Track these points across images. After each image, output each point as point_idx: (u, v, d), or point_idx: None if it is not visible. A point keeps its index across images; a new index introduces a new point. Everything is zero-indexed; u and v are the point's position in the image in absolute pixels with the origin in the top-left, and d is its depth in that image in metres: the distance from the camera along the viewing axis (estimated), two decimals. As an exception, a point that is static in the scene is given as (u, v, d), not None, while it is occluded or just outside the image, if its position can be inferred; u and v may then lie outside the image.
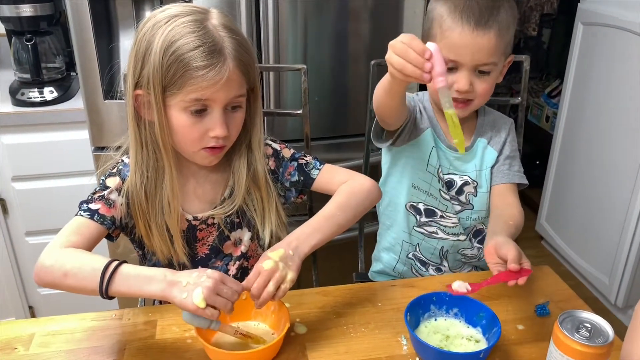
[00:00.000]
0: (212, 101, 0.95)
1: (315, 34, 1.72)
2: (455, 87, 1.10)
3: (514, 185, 1.23)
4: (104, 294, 0.86)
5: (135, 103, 0.98)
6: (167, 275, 0.85)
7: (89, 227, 0.98)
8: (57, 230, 1.86)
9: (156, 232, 1.03)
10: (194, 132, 0.97)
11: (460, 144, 0.93)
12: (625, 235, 2.11)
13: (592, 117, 2.31)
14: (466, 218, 1.25)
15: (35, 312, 2.01)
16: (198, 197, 1.09)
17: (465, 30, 1.06)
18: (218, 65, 0.92)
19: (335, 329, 0.99)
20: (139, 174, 1.01)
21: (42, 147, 1.78)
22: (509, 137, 1.25)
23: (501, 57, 1.12)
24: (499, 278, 0.94)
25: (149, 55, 0.93)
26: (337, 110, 1.84)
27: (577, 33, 2.38)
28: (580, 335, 0.75)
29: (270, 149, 1.14)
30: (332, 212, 1.03)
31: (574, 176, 2.46)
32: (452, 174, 1.23)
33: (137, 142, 1.00)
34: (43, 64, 1.85)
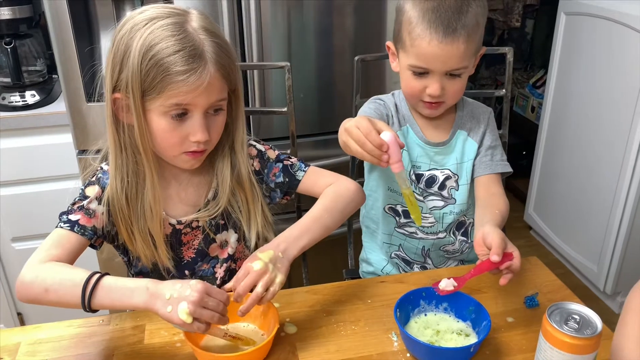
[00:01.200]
0: (193, 106, 0.94)
1: (299, 30, 1.71)
2: (427, 92, 1.11)
3: (497, 175, 1.22)
4: (87, 308, 0.85)
5: (113, 106, 0.96)
6: (149, 287, 0.83)
7: (69, 239, 0.96)
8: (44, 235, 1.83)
9: (139, 237, 1.02)
10: (174, 136, 0.96)
11: (417, 218, 0.99)
12: (613, 222, 2.13)
13: (577, 106, 2.32)
14: (449, 213, 1.24)
15: (24, 318, 1.99)
16: (181, 200, 1.07)
17: (433, 41, 1.04)
18: (199, 70, 0.91)
19: (326, 328, 0.98)
20: (119, 179, 0.99)
21: (26, 152, 1.75)
22: (489, 127, 1.25)
23: (472, 59, 1.11)
24: (481, 268, 0.93)
25: (127, 59, 0.91)
26: (322, 106, 1.83)
27: (560, 23, 2.39)
28: (569, 327, 0.75)
29: (254, 149, 1.13)
30: (319, 214, 1.02)
31: (560, 166, 2.48)
32: (434, 169, 1.23)
33: (116, 146, 0.98)
34: (24, 68, 1.83)
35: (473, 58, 1.12)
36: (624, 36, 2.00)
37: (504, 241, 0.93)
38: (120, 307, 0.87)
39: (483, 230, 0.96)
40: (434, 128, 1.22)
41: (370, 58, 1.48)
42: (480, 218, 1.09)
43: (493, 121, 1.27)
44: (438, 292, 0.95)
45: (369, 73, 1.75)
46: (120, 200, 1.00)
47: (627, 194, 2.05)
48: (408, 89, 1.15)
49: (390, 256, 1.32)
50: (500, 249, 0.91)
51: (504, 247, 0.93)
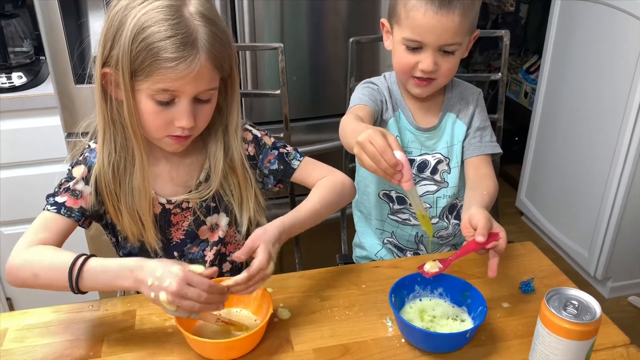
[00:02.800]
0: (180, 92, 0.92)
1: (292, 11, 1.68)
2: (420, 67, 1.10)
3: (487, 157, 1.22)
4: (76, 291, 0.85)
5: (103, 80, 0.94)
6: (133, 270, 0.83)
7: (56, 221, 0.96)
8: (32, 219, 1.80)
9: (126, 214, 1.00)
10: (159, 119, 0.94)
11: (429, 231, 1.01)
12: (604, 208, 2.13)
13: (571, 92, 2.31)
14: (443, 196, 1.24)
15: (13, 303, 1.97)
16: (172, 179, 1.06)
17: (429, 12, 1.04)
18: (189, 59, 0.88)
19: (320, 313, 0.97)
20: (107, 153, 0.97)
21: (13, 135, 1.72)
22: (478, 108, 1.24)
23: (466, 36, 1.10)
24: (467, 249, 0.93)
25: (119, 36, 0.89)
26: (316, 90, 1.81)
27: (555, 8, 2.37)
28: (568, 312, 0.74)
29: (250, 134, 1.11)
30: (315, 206, 1.03)
31: (553, 152, 2.47)
32: (425, 154, 1.22)
33: (104, 120, 0.96)
34: (10, 48, 1.79)
35: (467, 37, 1.11)
36: (620, 21, 1.98)
37: (489, 222, 0.93)
38: (109, 289, 0.86)
39: (470, 212, 0.96)
40: (424, 112, 1.21)
41: (365, 40, 1.45)
42: (469, 200, 1.08)
43: (482, 102, 1.26)
44: (424, 274, 0.94)
45: (363, 56, 1.73)
46: (107, 175, 0.98)
47: (619, 180, 2.05)
48: (400, 64, 1.13)
49: (383, 242, 1.31)
50: (486, 229, 0.91)
51: (490, 227, 0.92)
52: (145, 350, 0.89)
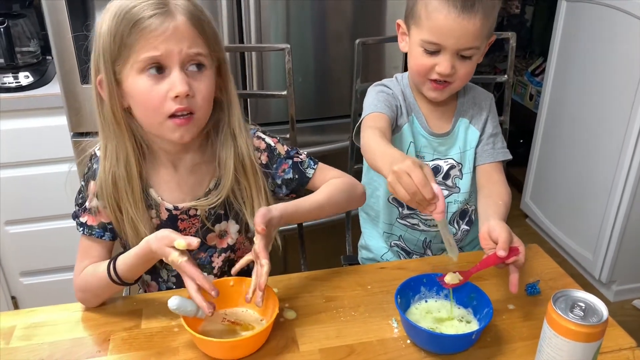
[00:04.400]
0: (167, 57, 0.90)
1: (298, 13, 1.68)
2: (437, 70, 1.09)
3: (499, 163, 1.22)
4: (125, 284, 0.98)
5: (99, 88, 0.94)
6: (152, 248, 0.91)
7: (94, 246, 1.03)
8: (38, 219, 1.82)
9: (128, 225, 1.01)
10: (153, 95, 0.91)
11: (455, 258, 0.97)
12: (609, 211, 2.13)
13: (576, 95, 2.31)
14: (454, 202, 1.23)
15: (18, 302, 1.98)
16: (180, 187, 1.05)
17: (451, 14, 1.03)
18: (165, 15, 0.89)
19: (325, 314, 0.97)
20: (108, 165, 0.98)
21: (19, 134, 1.72)
22: (491, 114, 1.23)
23: (484, 40, 1.10)
24: (487, 262, 0.94)
25: (101, 31, 0.91)
26: (321, 91, 1.81)
27: (561, 10, 2.36)
28: (574, 314, 0.74)
29: (263, 143, 1.09)
30: (321, 202, 1.03)
31: (558, 154, 2.47)
32: (437, 159, 1.21)
33: (102, 128, 0.97)
34: (17, 48, 1.79)
35: (485, 41, 1.10)
36: (626, 24, 1.98)
37: (510, 235, 0.94)
38: (144, 266, 0.96)
39: (489, 224, 0.97)
40: (438, 117, 1.21)
41: (372, 41, 1.46)
42: (485, 210, 1.09)
43: (494, 108, 1.26)
44: (444, 285, 0.95)
45: (368, 57, 1.73)
46: (109, 188, 0.98)
47: (625, 183, 2.05)
48: (416, 67, 1.12)
49: (390, 245, 1.31)
50: (507, 244, 0.92)
51: (511, 241, 0.93)
52: (152, 349, 0.90)
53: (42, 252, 1.89)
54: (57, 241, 1.85)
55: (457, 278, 0.94)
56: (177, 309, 0.85)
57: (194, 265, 0.88)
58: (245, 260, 0.95)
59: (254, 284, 0.90)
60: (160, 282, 1.13)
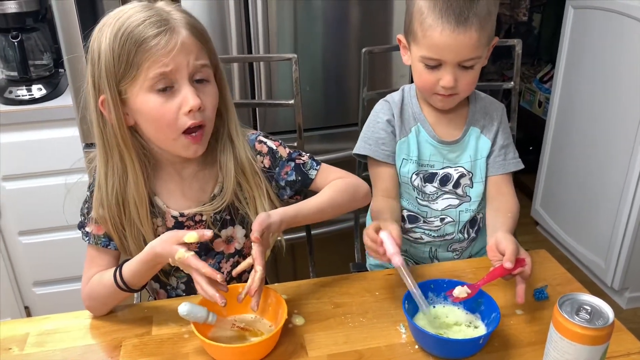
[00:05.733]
0: (175, 72, 0.91)
1: (305, 22, 1.70)
2: (441, 84, 1.09)
3: (509, 174, 1.22)
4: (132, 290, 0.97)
5: (102, 107, 0.94)
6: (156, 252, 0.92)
7: (100, 256, 1.05)
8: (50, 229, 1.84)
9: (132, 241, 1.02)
10: (166, 113, 0.93)
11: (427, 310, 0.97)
12: (620, 218, 2.12)
13: (585, 101, 2.31)
14: (465, 211, 1.23)
15: (31, 311, 2.00)
16: (184, 195, 1.06)
17: (445, 30, 1.03)
18: (169, 32, 0.90)
19: (334, 320, 0.98)
20: (110, 183, 0.99)
21: (32, 146, 1.75)
22: (502, 125, 1.23)
23: (484, 49, 1.09)
24: (494, 274, 0.95)
25: (100, 51, 0.91)
26: (329, 99, 1.83)
27: (568, 17, 2.37)
28: (580, 317, 0.74)
29: (265, 146, 1.10)
30: (322, 205, 1.04)
31: (568, 161, 2.46)
32: (447, 167, 1.21)
33: (104, 149, 0.98)
34: (30, 61, 1.82)
35: (486, 48, 1.10)
36: (634, 30, 1.98)
37: (517, 248, 0.96)
38: (151, 271, 0.97)
39: (496, 236, 0.98)
40: (446, 125, 1.21)
41: (378, 50, 1.47)
42: (493, 223, 1.11)
43: (505, 118, 1.26)
44: (452, 299, 0.95)
45: (375, 65, 1.75)
46: (112, 208, 0.99)
47: (636, 189, 2.04)
48: (421, 82, 1.13)
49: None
50: (514, 255, 0.94)
51: (517, 253, 0.95)
52: (162, 355, 0.91)
53: (54, 262, 1.91)
54: (70, 251, 1.87)
55: (465, 292, 0.95)
56: (187, 315, 0.86)
57: (199, 259, 0.89)
58: (245, 264, 0.95)
59: (247, 286, 0.91)
60: (169, 289, 1.14)
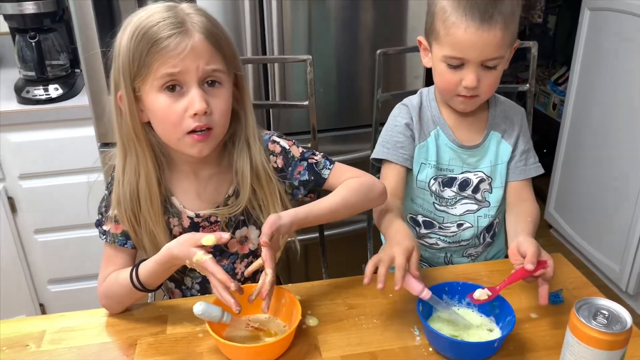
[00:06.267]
0: (184, 74, 0.92)
1: (319, 24, 1.70)
2: (463, 84, 1.08)
3: (529, 180, 1.22)
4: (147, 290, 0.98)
5: (120, 104, 0.97)
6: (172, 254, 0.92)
7: (117, 254, 1.05)
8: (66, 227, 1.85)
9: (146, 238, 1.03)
10: (172, 113, 0.94)
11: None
12: (636, 222, 2.09)
13: (600, 104, 2.29)
14: (484, 216, 1.22)
15: (45, 309, 2.02)
16: (199, 196, 1.07)
17: (470, 28, 1.02)
18: (181, 34, 0.91)
19: (347, 321, 0.98)
20: (127, 179, 1.00)
21: (48, 145, 1.77)
22: (523, 129, 1.22)
23: (507, 49, 1.08)
24: (515, 277, 0.94)
25: (120, 48, 0.93)
26: (342, 101, 1.83)
27: (584, 19, 2.35)
28: (598, 322, 0.73)
29: (278, 146, 1.10)
30: (334, 206, 1.02)
31: (582, 164, 2.44)
32: (467, 172, 1.20)
33: (122, 143, 0.99)
34: (47, 62, 1.84)
35: (508, 49, 1.09)
36: (650, 32, 1.96)
37: (538, 250, 0.95)
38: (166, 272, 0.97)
39: (517, 239, 0.98)
40: (466, 129, 1.20)
41: (393, 52, 1.47)
42: (514, 227, 1.10)
43: (526, 122, 1.25)
44: (473, 301, 0.95)
45: (389, 67, 1.74)
46: (127, 198, 1.01)
47: (652, 193, 2.02)
48: (443, 83, 1.12)
49: None
50: (535, 257, 0.93)
51: (539, 255, 0.94)
52: (177, 354, 0.91)
53: (70, 260, 1.93)
54: (85, 249, 1.89)
55: (486, 294, 0.94)
56: (202, 314, 0.87)
57: (217, 263, 0.89)
58: (257, 264, 0.95)
59: (258, 288, 0.91)
60: (184, 289, 1.15)
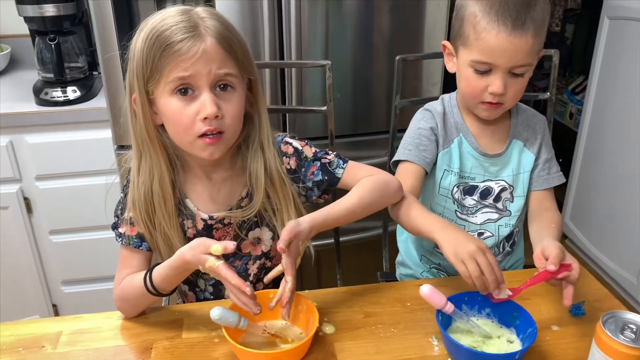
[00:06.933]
0: (196, 78, 0.92)
1: (337, 29, 1.70)
2: (490, 90, 1.06)
3: (551, 189, 1.21)
4: (161, 295, 0.97)
5: (135, 106, 0.98)
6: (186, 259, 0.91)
7: (132, 256, 1.05)
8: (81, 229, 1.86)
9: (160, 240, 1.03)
10: (183, 117, 0.94)
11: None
12: (655, 234, 2.06)
13: (619, 113, 2.26)
14: (505, 225, 1.21)
15: (58, 310, 2.02)
16: (212, 199, 1.07)
17: (501, 33, 1.00)
18: (194, 38, 0.91)
19: (364, 329, 0.97)
20: (141, 180, 1.01)
21: (66, 146, 1.78)
22: (545, 138, 1.21)
23: (536, 57, 1.07)
24: (538, 278, 0.93)
25: (135, 51, 0.94)
26: (359, 107, 1.82)
27: (603, 27, 2.33)
28: (625, 336, 0.72)
29: (291, 147, 1.10)
30: (351, 207, 1.01)
31: (599, 174, 2.41)
32: (489, 180, 1.19)
33: (136, 145, 1.00)
34: (66, 64, 1.86)
35: (536, 57, 1.07)
36: (672, 41, 1.94)
37: (562, 253, 0.94)
38: (179, 277, 0.97)
39: (542, 243, 0.97)
40: (489, 137, 1.18)
41: (412, 58, 1.46)
42: (538, 234, 1.09)
43: (547, 131, 1.23)
44: (491, 299, 0.94)
45: (406, 73, 1.73)
46: (141, 202, 1.01)
47: (671, 205, 1.99)
48: (469, 89, 1.10)
49: (430, 267, 1.29)
50: (558, 259, 0.92)
51: (562, 258, 0.93)
52: (192, 358, 0.91)
53: (84, 262, 1.94)
54: (99, 251, 1.90)
55: (506, 293, 0.92)
56: (219, 320, 0.86)
57: (230, 268, 0.88)
58: (277, 271, 0.95)
59: (278, 295, 0.90)
60: (198, 291, 1.14)
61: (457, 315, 0.92)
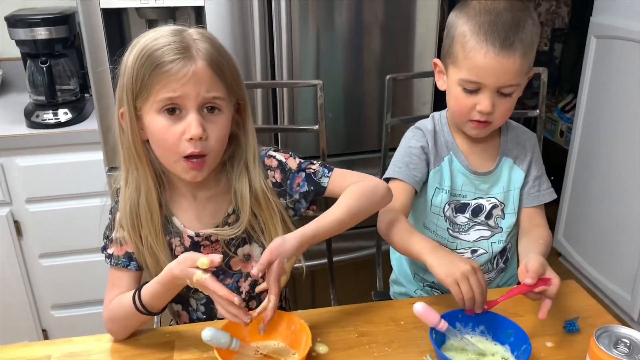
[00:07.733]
0: (184, 99, 0.93)
1: (328, 49, 1.72)
2: (478, 109, 1.07)
3: (542, 206, 1.21)
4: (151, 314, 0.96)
5: (122, 121, 0.98)
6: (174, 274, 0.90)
7: (121, 276, 1.04)
8: (71, 252, 1.84)
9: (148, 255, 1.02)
10: (169, 135, 0.94)
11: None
12: (647, 250, 2.07)
13: (609, 131, 2.28)
14: (497, 242, 1.21)
15: (48, 335, 1.99)
16: (198, 217, 1.06)
17: (490, 53, 1.02)
18: (184, 60, 0.92)
19: (358, 349, 0.96)
20: (129, 193, 1.00)
21: (57, 169, 1.77)
22: (535, 155, 1.21)
23: (524, 78, 1.08)
24: (514, 292, 0.93)
25: (126, 67, 0.94)
26: (351, 125, 1.83)
27: (590, 47, 2.36)
28: (619, 351, 0.71)
29: (274, 160, 1.10)
30: (340, 217, 1.00)
31: (591, 191, 2.43)
32: (479, 198, 1.19)
33: (124, 161, 1.00)
34: (57, 86, 1.86)
35: (525, 78, 1.08)
36: (658, 59, 1.97)
37: (542, 267, 0.94)
38: (169, 294, 0.96)
39: (527, 258, 0.97)
40: (479, 155, 1.19)
41: (402, 77, 1.47)
42: (525, 249, 1.09)
43: (538, 148, 1.24)
44: (466, 311, 0.94)
45: (397, 92, 1.74)
46: (126, 212, 1.01)
47: (663, 220, 2.00)
48: (458, 107, 1.11)
49: (423, 285, 1.29)
50: (536, 273, 0.92)
51: (542, 272, 0.93)
52: (184, 381, 0.89)
53: (74, 285, 1.91)
54: (90, 274, 1.88)
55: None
56: (210, 340, 0.85)
57: (217, 281, 0.88)
58: (263, 287, 0.94)
59: (258, 311, 0.91)
60: (191, 311, 1.13)
61: (451, 333, 0.91)
